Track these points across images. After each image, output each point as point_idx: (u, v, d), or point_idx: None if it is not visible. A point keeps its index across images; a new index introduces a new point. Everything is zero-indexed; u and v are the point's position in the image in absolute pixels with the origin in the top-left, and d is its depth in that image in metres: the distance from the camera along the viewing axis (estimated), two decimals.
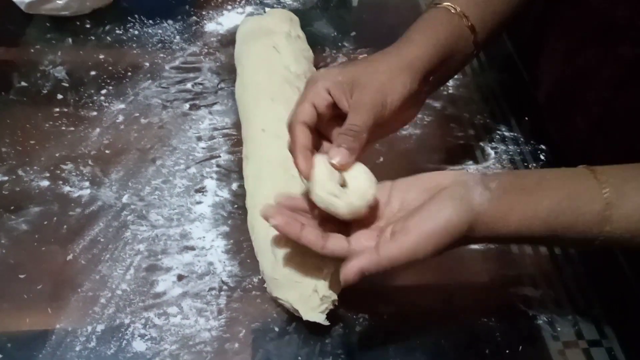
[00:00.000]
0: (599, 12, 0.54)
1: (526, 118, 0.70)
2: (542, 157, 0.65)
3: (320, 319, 0.46)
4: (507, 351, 0.48)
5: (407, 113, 0.50)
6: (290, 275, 0.47)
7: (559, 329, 0.50)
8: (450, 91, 0.72)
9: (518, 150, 0.65)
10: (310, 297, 0.46)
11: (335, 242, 0.42)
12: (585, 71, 0.57)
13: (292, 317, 0.48)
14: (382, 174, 0.61)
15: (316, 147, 0.46)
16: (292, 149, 0.45)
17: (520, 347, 0.48)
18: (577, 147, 0.60)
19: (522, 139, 0.67)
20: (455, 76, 0.75)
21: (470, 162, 0.64)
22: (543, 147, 0.66)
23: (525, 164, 0.64)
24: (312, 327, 0.47)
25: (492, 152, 0.65)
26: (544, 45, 0.65)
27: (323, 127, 0.47)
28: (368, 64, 0.48)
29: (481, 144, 0.66)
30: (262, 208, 0.43)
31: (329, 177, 0.43)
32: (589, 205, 0.40)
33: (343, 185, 0.44)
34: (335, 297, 0.47)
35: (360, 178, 0.44)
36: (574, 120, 0.60)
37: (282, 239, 0.48)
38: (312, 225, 0.44)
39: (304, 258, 0.47)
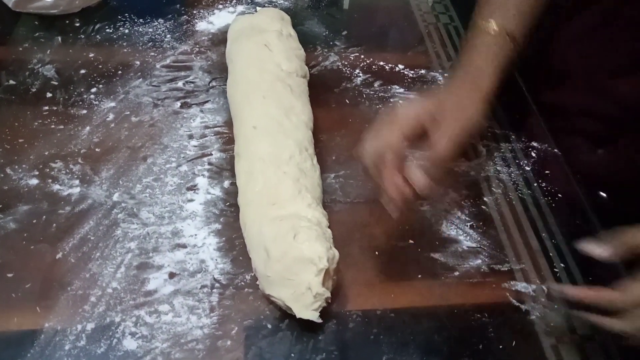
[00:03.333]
0: None
1: (517, 116, 0.70)
2: (533, 154, 0.65)
3: (314, 316, 0.45)
4: (501, 346, 0.48)
5: None
6: (283, 272, 0.46)
7: (552, 323, 0.50)
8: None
9: (509, 148, 0.66)
10: (304, 295, 0.45)
11: None
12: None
13: (284, 314, 0.48)
14: None
15: None
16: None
17: (514, 342, 0.48)
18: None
19: (513, 136, 0.67)
20: (446, 74, 0.75)
21: (462, 159, 0.64)
22: (534, 144, 0.66)
23: (517, 160, 0.64)
24: (305, 324, 0.46)
25: (483, 150, 0.65)
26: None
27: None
28: (451, 94, 0.53)
29: (472, 141, 0.66)
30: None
31: None
32: None
33: None
34: (328, 294, 0.46)
35: None
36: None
37: (276, 237, 0.48)
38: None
39: (296, 255, 0.46)
